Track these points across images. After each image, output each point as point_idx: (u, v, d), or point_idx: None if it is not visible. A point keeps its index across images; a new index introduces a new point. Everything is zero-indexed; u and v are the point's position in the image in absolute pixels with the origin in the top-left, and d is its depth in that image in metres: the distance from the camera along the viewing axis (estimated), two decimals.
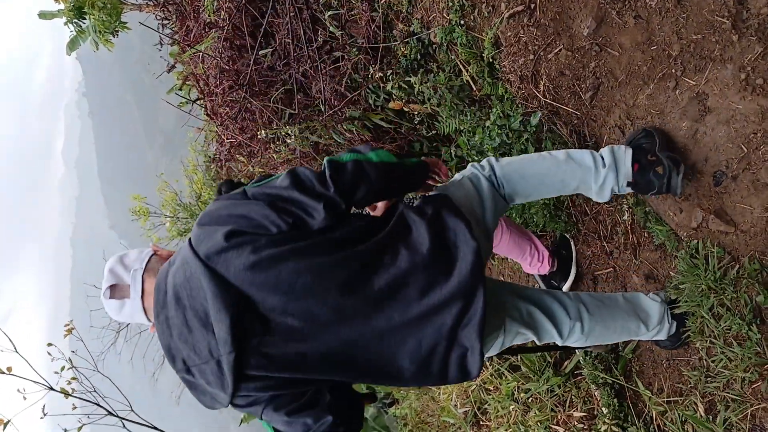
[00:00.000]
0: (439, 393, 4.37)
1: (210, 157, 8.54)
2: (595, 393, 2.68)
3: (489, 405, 3.42)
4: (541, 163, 1.98)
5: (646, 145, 2.08)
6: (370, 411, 9.82)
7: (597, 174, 1.98)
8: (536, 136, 2.84)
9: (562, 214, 3.24)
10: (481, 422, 3.52)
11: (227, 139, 4.57)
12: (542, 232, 3.62)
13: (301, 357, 1.45)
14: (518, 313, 1.85)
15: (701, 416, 2.00)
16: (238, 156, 5.05)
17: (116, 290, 1.59)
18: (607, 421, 2.46)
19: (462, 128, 3.36)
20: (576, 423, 2.72)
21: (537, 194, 2.06)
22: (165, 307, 1.48)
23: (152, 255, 1.66)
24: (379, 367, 1.54)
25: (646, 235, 2.67)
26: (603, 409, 2.60)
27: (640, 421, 2.39)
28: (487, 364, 3.64)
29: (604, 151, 2.03)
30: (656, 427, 2.29)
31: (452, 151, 3.69)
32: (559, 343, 2.00)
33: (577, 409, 2.76)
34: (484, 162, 1.96)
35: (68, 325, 5.01)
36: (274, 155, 4.32)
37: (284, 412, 1.51)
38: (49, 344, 4.57)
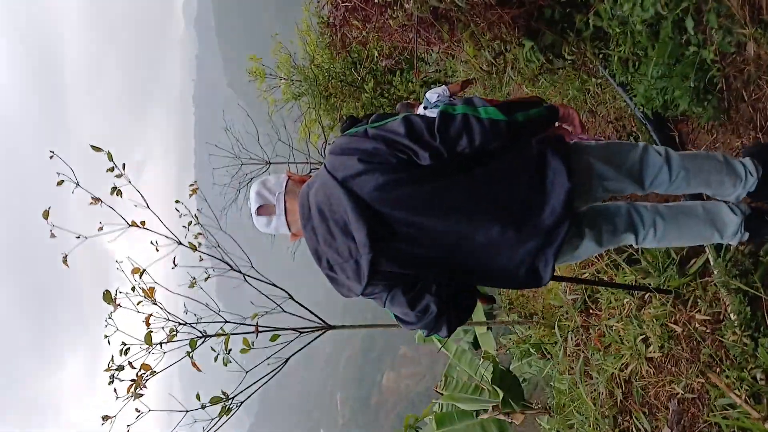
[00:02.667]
0: None
1: (324, 19, 8.33)
2: (725, 298, 2.49)
3: (601, 295, 3.32)
4: (708, 164, 2.14)
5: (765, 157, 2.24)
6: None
7: (744, 183, 2.17)
8: (698, 6, 2.43)
9: (712, 98, 2.86)
10: (591, 310, 3.45)
11: (342, 2, 4.35)
12: (682, 117, 3.25)
13: (419, 258, 1.82)
14: (597, 224, 2.09)
15: None
16: (352, 20, 4.85)
17: (264, 209, 1.96)
18: (736, 330, 2.29)
19: None
20: (698, 325, 2.57)
21: (694, 191, 2.22)
22: (311, 220, 1.83)
23: (288, 180, 1.99)
24: (477, 271, 1.92)
25: None
26: (731, 315, 2.42)
27: None
28: (603, 254, 3.49)
29: (747, 162, 2.20)
30: None
31: (590, 19, 3.29)
32: (635, 245, 2.22)
33: (700, 311, 2.60)
34: (661, 150, 2.08)
35: (193, 185, 5.33)
36: (390, 21, 4.08)
37: (402, 302, 1.87)
38: (177, 201, 4.92)
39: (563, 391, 3.91)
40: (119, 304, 4.11)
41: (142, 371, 4.30)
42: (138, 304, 4.52)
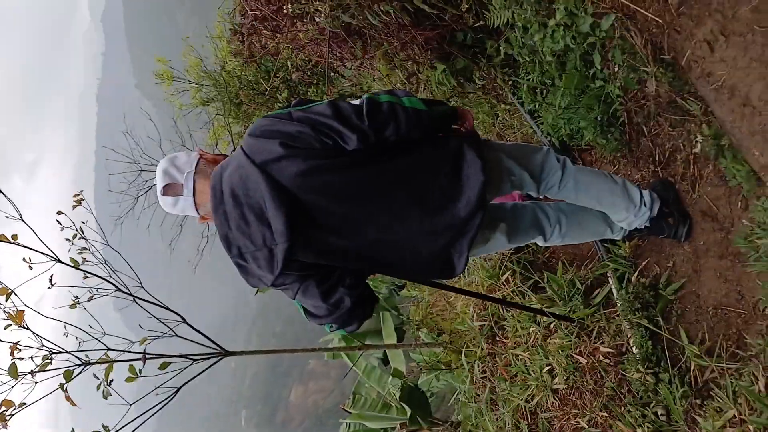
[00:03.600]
0: (455, 298, 4.28)
1: (235, 26, 8.02)
2: (627, 331, 2.51)
3: (507, 323, 3.30)
4: (603, 184, 2.30)
5: (663, 195, 2.47)
6: (382, 291, 10.02)
7: (637, 211, 2.34)
8: (603, 42, 2.46)
9: (615, 131, 2.92)
10: (497, 338, 3.43)
11: (251, 10, 4.16)
12: (587, 146, 3.31)
13: (338, 249, 1.81)
14: (506, 220, 2.27)
15: (761, 392, 1.80)
16: (261, 29, 4.65)
17: (170, 189, 1.86)
18: (638, 365, 2.30)
19: (515, 23, 2.95)
20: (602, 357, 2.58)
21: (586, 205, 2.36)
22: (223, 204, 1.75)
23: (199, 158, 1.91)
24: (395, 263, 1.93)
25: (711, 168, 2.37)
26: (633, 348, 2.44)
27: (675, 369, 2.23)
28: (510, 281, 3.48)
29: (645, 193, 2.38)
30: (692, 379, 2.13)
31: (501, 46, 3.29)
32: (542, 244, 2.42)
33: (604, 343, 2.61)
34: (561, 157, 2.23)
35: (78, 195, 4.86)
36: (300, 35, 3.93)
37: (314, 294, 1.83)
38: (59, 212, 4.45)
39: (469, 417, 3.86)
40: None
41: (4, 408, 3.84)
42: (6, 329, 4.05)
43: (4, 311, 4.00)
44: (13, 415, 3.83)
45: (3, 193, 4.14)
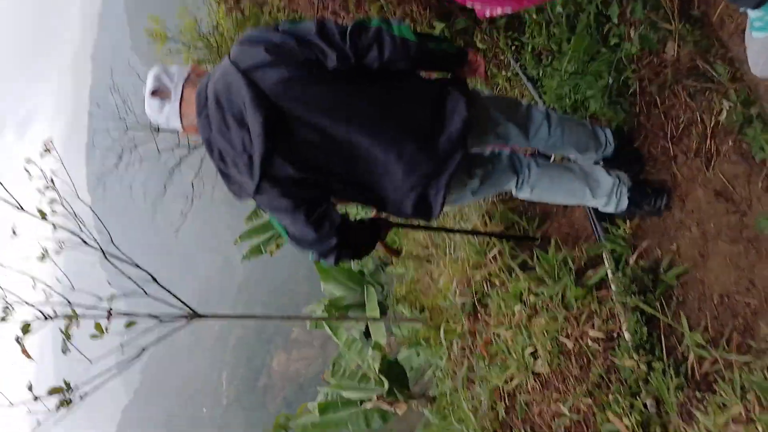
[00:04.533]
0: (439, 275, 4.08)
1: None
2: (621, 315, 2.31)
3: (491, 300, 3.10)
4: (582, 128, 2.37)
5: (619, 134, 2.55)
6: (369, 266, 9.89)
7: (603, 149, 2.44)
8: None
9: (624, 102, 2.69)
10: (480, 315, 3.23)
11: None
12: (591, 118, 3.09)
13: (317, 165, 1.79)
14: (484, 166, 2.22)
15: None
16: None
17: (158, 93, 1.86)
18: (630, 351, 2.10)
19: None
20: (590, 342, 2.39)
21: (565, 152, 2.43)
22: (206, 108, 1.78)
23: (191, 71, 1.92)
24: (370, 190, 1.92)
25: (731, 143, 2.15)
26: (626, 334, 2.24)
27: (670, 359, 2.03)
28: (498, 258, 3.28)
29: (607, 131, 2.47)
30: (689, 371, 1.93)
31: None
32: (514, 192, 2.34)
33: (594, 327, 2.41)
34: (543, 108, 2.30)
35: (47, 143, 4.58)
36: None
37: (299, 220, 1.81)
38: (28, 161, 4.19)
39: (444, 395, 3.70)
40: None
41: None
42: None
43: None
44: None
45: None
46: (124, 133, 9.74)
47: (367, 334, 9.16)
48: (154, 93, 1.87)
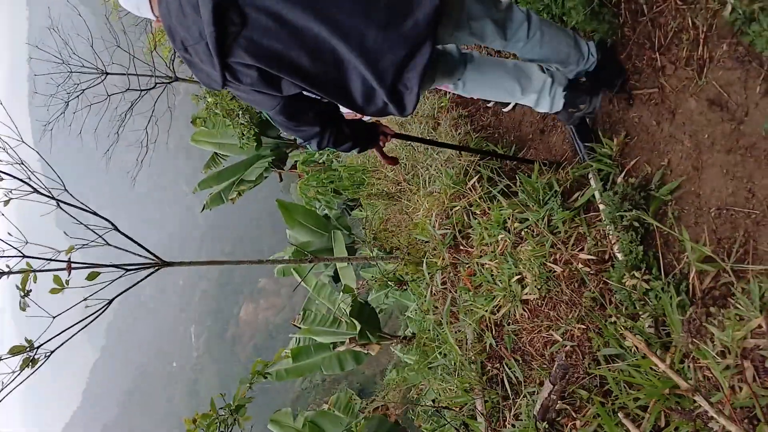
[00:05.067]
0: (414, 210, 3.96)
1: None
2: (612, 235, 2.23)
3: (473, 231, 3.00)
4: (562, 36, 2.25)
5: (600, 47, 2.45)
6: (333, 212, 9.76)
7: (585, 62, 2.33)
8: None
9: (608, 12, 2.53)
10: (461, 246, 3.13)
11: None
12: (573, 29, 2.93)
13: (275, 54, 1.68)
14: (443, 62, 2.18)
15: None
16: None
17: None
18: (625, 273, 2.02)
19: None
20: (580, 264, 2.31)
21: (543, 59, 2.29)
22: None
23: None
24: (336, 84, 1.78)
25: (726, 47, 2.03)
26: (618, 255, 2.16)
27: (669, 277, 1.96)
28: (477, 186, 3.16)
29: (591, 44, 2.39)
30: (691, 288, 1.87)
31: None
32: (452, 88, 2.31)
33: (583, 250, 2.33)
34: (524, 8, 2.12)
35: None
36: None
37: (279, 112, 1.83)
38: None
39: (424, 330, 3.64)
40: None
41: None
42: None
43: None
44: None
45: None
46: (68, 77, 9.13)
47: (336, 278, 9.12)
48: None
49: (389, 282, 7.18)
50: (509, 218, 2.73)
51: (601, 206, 2.34)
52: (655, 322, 1.93)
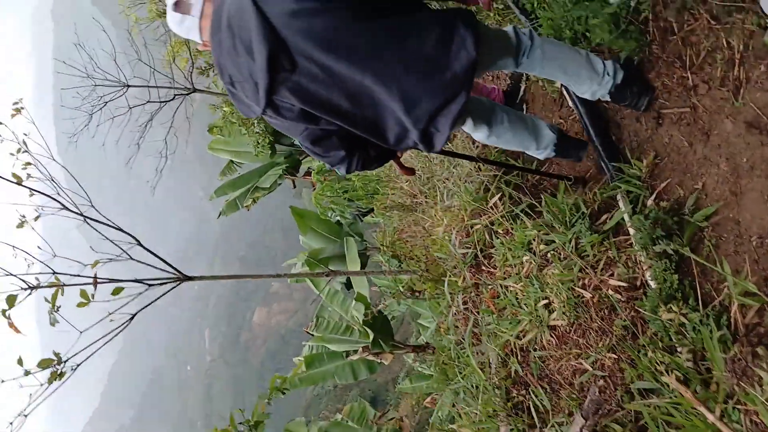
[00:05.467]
0: (432, 225, 3.89)
1: None
2: (643, 261, 2.15)
3: (496, 251, 2.93)
4: (568, 54, 2.32)
5: (626, 66, 2.44)
6: (345, 218, 9.72)
7: (600, 80, 2.34)
8: None
9: (635, 30, 2.46)
10: (483, 266, 3.06)
11: None
12: (597, 48, 2.85)
13: (319, 98, 1.82)
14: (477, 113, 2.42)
15: None
16: None
17: (181, 6, 1.87)
18: (660, 304, 1.94)
19: None
20: (610, 291, 2.23)
21: (551, 76, 2.44)
22: (220, 31, 1.80)
23: None
24: (371, 124, 1.93)
25: (763, 68, 1.95)
26: (651, 282, 2.09)
27: (708, 308, 1.88)
28: (499, 204, 3.09)
29: (608, 63, 2.38)
30: (733, 322, 1.79)
31: None
32: (485, 140, 2.54)
33: (613, 275, 2.26)
34: (525, 30, 2.23)
35: (17, 103, 4.24)
36: None
37: (310, 137, 1.96)
38: None
39: (444, 349, 3.57)
40: None
41: None
42: None
43: None
44: None
45: None
46: (92, 91, 9.25)
47: (348, 285, 9.08)
48: (176, 5, 1.87)
49: (401, 289, 7.12)
50: (534, 239, 2.66)
51: (631, 230, 2.27)
52: (693, 356, 1.85)
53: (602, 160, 2.63)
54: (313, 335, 7.54)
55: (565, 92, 3.02)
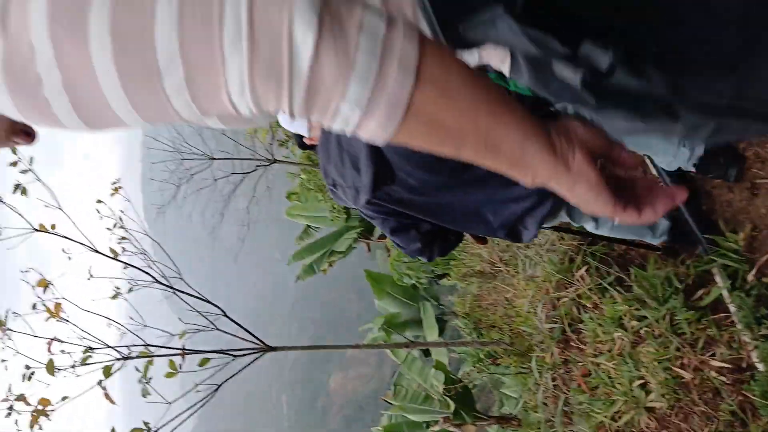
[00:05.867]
0: (514, 296, 3.85)
1: None
2: (748, 343, 2.04)
3: (585, 326, 2.85)
4: None
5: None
6: (422, 281, 9.70)
7: (675, 151, 2.25)
8: None
9: None
10: (572, 342, 2.99)
11: None
12: None
13: (412, 203, 1.99)
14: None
15: None
16: None
17: None
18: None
19: None
20: (713, 372, 2.13)
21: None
22: (329, 142, 1.99)
23: None
24: (460, 225, 2.13)
25: None
26: (759, 365, 1.98)
27: None
28: (586, 276, 3.03)
29: None
30: None
31: None
32: (594, 230, 2.50)
33: (715, 355, 2.15)
34: None
35: (116, 183, 4.65)
36: None
37: (390, 229, 2.13)
38: (99, 201, 4.25)
39: (532, 426, 3.45)
40: (8, 329, 3.42)
41: (41, 406, 3.63)
42: (47, 321, 3.87)
43: (43, 304, 3.82)
44: (53, 410, 3.63)
45: (42, 182, 3.97)
46: (180, 164, 9.91)
47: (426, 352, 8.95)
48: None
49: (482, 356, 6.97)
50: (625, 315, 2.58)
51: (732, 307, 2.17)
52: None
53: (695, 232, 2.55)
54: (391, 404, 7.45)
55: (647, 160, 2.99)
